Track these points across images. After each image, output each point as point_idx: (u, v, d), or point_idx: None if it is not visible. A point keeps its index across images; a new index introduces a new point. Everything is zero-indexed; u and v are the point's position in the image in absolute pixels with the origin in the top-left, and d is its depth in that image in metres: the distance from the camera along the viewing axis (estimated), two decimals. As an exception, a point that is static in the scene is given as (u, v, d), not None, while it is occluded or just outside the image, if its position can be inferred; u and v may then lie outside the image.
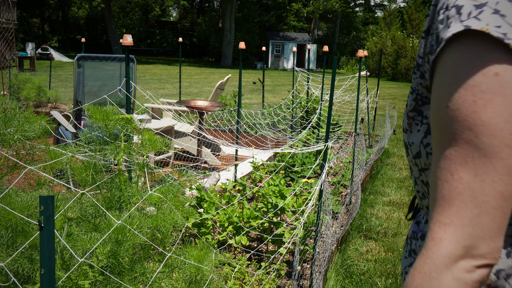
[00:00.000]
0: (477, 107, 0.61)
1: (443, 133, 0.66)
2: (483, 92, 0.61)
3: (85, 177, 1.67)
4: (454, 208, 0.64)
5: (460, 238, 0.64)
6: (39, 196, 0.91)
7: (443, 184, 0.66)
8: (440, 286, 0.64)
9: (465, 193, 0.64)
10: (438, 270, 0.64)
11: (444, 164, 0.65)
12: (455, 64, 0.63)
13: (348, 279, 3.29)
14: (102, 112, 1.61)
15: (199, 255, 1.57)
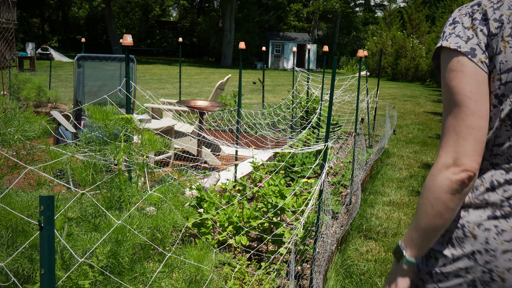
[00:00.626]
0: (451, 79, 1.12)
1: (443, 99, 1.16)
2: (452, 70, 1.13)
3: (85, 177, 1.67)
4: (445, 138, 1.13)
5: (449, 154, 1.11)
6: (39, 196, 0.91)
7: (442, 125, 1.15)
8: (435, 181, 1.12)
9: (449, 128, 1.12)
10: (437, 172, 1.13)
11: (443, 114, 1.16)
12: (444, 62, 1.16)
13: (348, 279, 3.29)
14: (102, 112, 1.61)
15: (199, 255, 1.57)
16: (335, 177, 5.44)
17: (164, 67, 28.37)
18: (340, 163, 6.22)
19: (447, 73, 1.13)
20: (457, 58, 1.11)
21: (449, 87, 1.12)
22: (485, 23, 1.11)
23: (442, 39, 1.17)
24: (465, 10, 1.16)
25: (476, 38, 1.11)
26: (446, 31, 1.17)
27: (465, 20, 1.14)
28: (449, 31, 1.16)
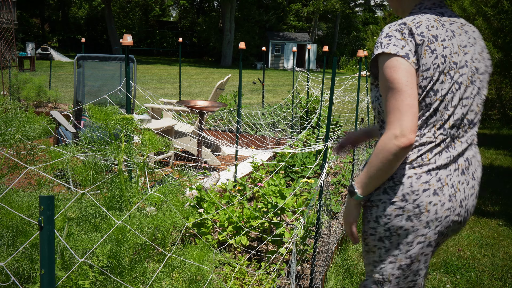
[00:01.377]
0: (393, 73, 1.53)
1: (384, 89, 1.56)
2: (393, 67, 1.54)
3: (86, 177, 1.67)
4: (390, 115, 1.53)
5: (396, 127, 1.51)
6: (39, 196, 0.91)
7: (387, 107, 1.55)
8: (386, 146, 1.52)
9: (394, 108, 1.53)
10: (388, 140, 1.52)
11: (386, 99, 1.55)
12: (383, 63, 1.57)
13: (348, 279, 3.29)
14: (103, 112, 1.61)
15: (199, 255, 1.57)
16: (335, 177, 5.44)
17: (164, 67, 28.36)
18: (340, 163, 6.22)
19: (388, 69, 1.55)
20: (396, 58, 1.54)
21: (391, 79, 1.54)
22: (411, 36, 1.56)
23: (381, 48, 1.57)
24: (395, 27, 1.59)
25: (408, 46, 1.55)
26: (383, 42, 1.58)
27: (397, 34, 1.57)
28: (386, 41, 1.57)
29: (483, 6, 10.03)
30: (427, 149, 1.59)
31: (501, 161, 7.37)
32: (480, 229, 4.46)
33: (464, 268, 3.62)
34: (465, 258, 3.82)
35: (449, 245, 4.05)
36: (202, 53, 42.92)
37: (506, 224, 4.59)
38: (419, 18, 1.59)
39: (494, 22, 9.92)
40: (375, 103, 1.69)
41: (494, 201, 5.28)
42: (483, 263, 3.72)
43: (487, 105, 11.43)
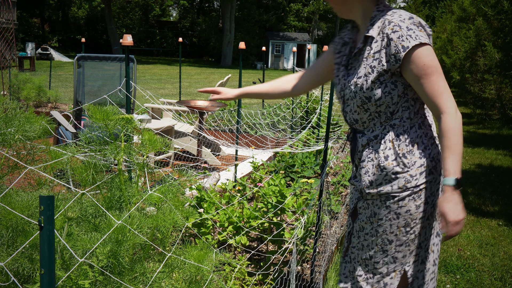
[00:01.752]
0: (434, 59, 1.68)
1: (426, 74, 1.68)
2: (432, 54, 1.69)
3: (85, 177, 1.67)
4: (443, 96, 1.68)
5: (452, 103, 1.66)
6: (39, 196, 0.91)
7: (436, 90, 1.68)
8: (458, 119, 1.65)
9: (444, 89, 1.68)
10: (457, 113, 1.66)
11: (431, 83, 1.68)
12: (420, 52, 1.68)
13: (348, 279, 3.29)
14: (102, 112, 1.61)
15: (199, 255, 1.57)
16: (335, 177, 5.44)
17: (164, 67, 28.36)
18: (340, 163, 6.22)
19: (429, 57, 1.68)
20: (429, 47, 1.69)
21: (435, 64, 1.68)
22: (423, 28, 1.73)
23: (413, 40, 1.67)
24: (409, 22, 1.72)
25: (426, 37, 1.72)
26: (411, 34, 1.67)
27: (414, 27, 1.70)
28: (413, 34, 1.68)
29: (483, 6, 10.02)
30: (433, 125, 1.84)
31: (501, 161, 7.37)
32: (480, 229, 4.46)
33: (464, 268, 3.62)
34: (465, 258, 3.82)
35: (449, 245, 4.05)
36: (202, 53, 42.91)
37: (506, 224, 4.59)
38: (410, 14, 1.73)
39: (494, 22, 9.92)
40: (387, 98, 1.73)
41: (494, 201, 5.28)
42: (483, 263, 3.72)
43: (487, 105, 11.43)
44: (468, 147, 8.44)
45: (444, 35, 18.73)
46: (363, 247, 1.89)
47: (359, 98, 1.77)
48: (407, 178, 1.73)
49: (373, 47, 1.73)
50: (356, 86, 1.77)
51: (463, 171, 1.68)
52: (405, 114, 1.76)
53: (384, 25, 1.71)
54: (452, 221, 1.60)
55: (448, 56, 14.93)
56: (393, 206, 1.76)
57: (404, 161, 1.74)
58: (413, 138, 1.75)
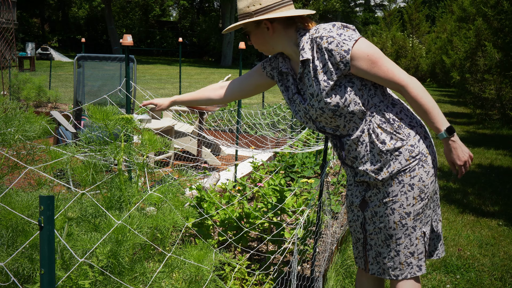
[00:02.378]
0: (375, 47, 1.84)
1: (373, 62, 1.80)
2: (370, 43, 1.84)
3: (85, 177, 1.67)
4: (397, 70, 1.84)
5: (405, 75, 1.85)
6: (39, 196, 0.91)
7: (389, 69, 1.82)
8: (421, 86, 1.85)
9: (394, 66, 1.84)
10: (417, 83, 1.85)
11: (381, 67, 1.82)
12: (362, 46, 1.84)
13: (348, 279, 3.29)
14: (102, 112, 1.61)
15: (199, 255, 1.57)
16: (335, 177, 5.44)
17: (164, 67, 28.36)
18: (340, 163, 6.22)
19: (371, 47, 1.83)
20: (364, 39, 1.84)
21: (378, 51, 1.83)
22: (347, 28, 1.94)
23: (350, 40, 1.81)
24: (337, 27, 1.88)
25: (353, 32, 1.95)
26: (346, 35, 1.83)
27: (342, 30, 1.88)
28: (347, 34, 1.84)
29: (483, 7, 10.02)
30: None
31: (501, 161, 7.37)
32: (480, 229, 4.46)
33: (464, 268, 3.62)
34: (465, 258, 3.82)
35: (449, 245, 4.05)
36: (202, 53, 42.90)
37: (506, 224, 4.59)
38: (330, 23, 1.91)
39: (494, 23, 9.91)
40: (351, 95, 1.86)
41: (494, 201, 5.28)
42: (483, 263, 3.72)
43: (487, 105, 11.43)
44: (468, 147, 8.42)
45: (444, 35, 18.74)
46: (380, 230, 1.98)
47: (328, 110, 1.87)
48: (409, 149, 1.87)
49: (317, 64, 1.84)
50: (319, 102, 1.87)
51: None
52: (375, 100, 1.89)
53: (316, 42, 1.83)
54: (464, 160, 1.87)
55: (448, 56, 14.93)
56: (405, 179, 1.88)
57: (399, 136, 1.87)
58: (395, 114, 1.89)
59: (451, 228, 4.44)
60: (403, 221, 1.92)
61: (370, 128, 1.88)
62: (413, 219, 1.92)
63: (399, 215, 1.91)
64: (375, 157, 1.90)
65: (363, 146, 1.90)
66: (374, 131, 1.87)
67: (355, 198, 2.05)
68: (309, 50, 1.85)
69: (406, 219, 1.91)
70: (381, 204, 1.95)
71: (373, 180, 1.93)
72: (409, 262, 1.96)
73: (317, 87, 1.86)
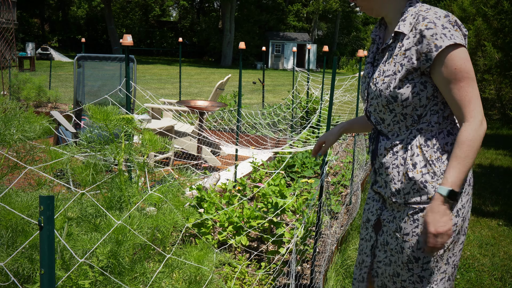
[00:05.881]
0: (467, 63, 1.57)
1: (456, 79, 1.57)
2: (466, 57, 1.57)
3: (85, 177, 1.67)
4: (471, 104, 1.56)
5: (479, 113, 1.56)
6: (39, 196, 0.91)
7: (464, 96, 1.57)
8: (478, 136, 1.54)
9: (473, 96, 1.57)
10: (478, 129, 1.55)
11: (460, 89, 1.57)
12: (453, 54, 1.57)
13: (348, 279, 3.29)
14: (103, 112, 1.60)
15: (199, 255, 1.57)
16: (335, 177, 5.44)
17: (164, 67, 28.36)
18: (340, 163, 6.22)
19: (462, 60, 1.57)
20: (464, 49, 1.58)
21: (467, 69, 1.57)
22: (459, 27, 1.61)
23: (447, 40, 1.56)
24: (444, 20, 1.60)
25: (461, 37, 1.61)
26: (445, 33, 1.57)
27: (449, 26, 1.60)
28: (448, 33, 1.58)
29: (483, 7, 10.03)
30: None
31: (501, 161, 7.37)
32: (480, 229, 4.46)
33: (464, 268, 3.62)
34: (465, 258, 3.81)
35: (449, 245, 4.05)
36: (202, 53, 42.91)
37: (506, 224, 4.59)
38: (446, 12, 1.62)
39: (494, 23, 9.92)
40: (415, 99, 1.62)
41: (494, 201, 5.28)
42: (483, 263, 3.72)
43: (487, 105, 11.43)
44: (468, 147, 8.44)
45: (444, 35, 18.72)
46: (390, 262, 1.77)
47: (384, 97, 1.66)
48: (436, 187, 1.61)
49: (405, 43, 1.62)
50: (383, 84, 1.66)
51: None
52: (433, 119, 1.64)
53: (417, 21, 1.59)
54: (432, 232, 1.54)
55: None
56: (421, 220, 1.64)
57: (434, 169, 1.62)
58: (442, 144, 1.63)
59: (451, 228, 4.44)
60: (410, 265, 1.70)
61: (409, 143, 1.65)
62: (421, 268, 1.68)
63: (407, 257, 1.69)
64: (399, 176, 1.68)
65: (394, 158, 1.69)
66: (412, 149, 1.64)
67: (371, 215, 1.85)
68: (409, 25, 1.61)
69: (413, 264, 1.69)
70: (393, 236, 1.73)
71: (387, 196, 1.72)
72: None
73: (390, 66, 1.65)
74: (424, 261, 1.67)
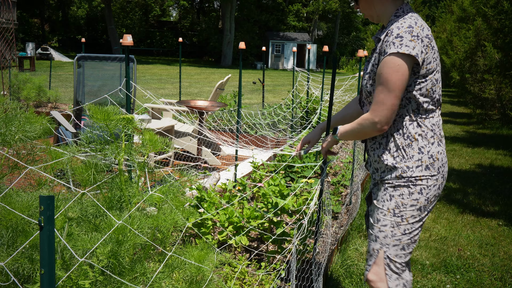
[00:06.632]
0: (389, 75, 1.85)
1: (378, 82, 1.87)
2: (394, 68, 1.84)
3: (86, 177, 1.67)
4: (378, 105, 1.89)
5: (379, 114, 1.89)
6: (39, 196, 0.91)
7: (377, 97, 1.89)
8: (371, 126, 1.94)
9: (383, 101, 1.87)
10: (374, 120, 1.91)
11: (378, 92, 1.88)
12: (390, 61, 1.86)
13: (348, 279, 3.29)
14: (103, 112, 1.60)
15: (200, 255, 1.57)
16: (335, 177, 5.44)
17: (164, 67, 28.36)
18: (340, 163, 6.22)
19: (393, 71, 1.86)
20: (398, 58, 1.86)
21: (387, 79, 1.88)
22: (419, 38, 1.87)
23: (393, 46, 1.86)
24: (404, 30, 1.87)
25: (417, 47, 1.86)
26: (395, 42, 1.87)
27: (407, 36, 1.89)
28: (398, 42, 1.88)
29: (483, 7, 10.02)
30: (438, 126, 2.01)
31: (501, 161, 7.37)
32: (480, 229, 4.46)
33: (464, 268, 3.62)
34: (465, 258, 3.82)
35: (449, 245, 4.05)
36: (202, 53, 42.91)
37: (506, 224, 4.59)
38: (420, 21, 1.88)
39: (494, 23, 9.91)
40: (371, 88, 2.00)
41: (494, 201, 5.28)
42: (483, 263, 3.72)
43: (487, 105, 11.43)
44: (468, 147, 8.44)
45: (444, 35, 18.73)
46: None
47: (364, 91, 2.04)
48: (404, 169, 1.95)
49: (377, 47, 1.96)
50: (364, 80, 2.04)
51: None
52: (403, 112, 1.95)
53: (389, 29, 1.90)
54: (323, 147, 2.24)
55: (448, 56, 14.93)
56: (389, 189, 2.00)
57: (403, 154, 1.96)
58: (412, 134, 1.95)
59: (451, 228, 4.44)
60: (374, 224, 2.06)
61: (386, 131, 2.00)
62: (378, 228, 2.03)
63: (373, 219, 2.07)
64: (377, 158, 2.05)
65: (372, 142, 2.07)
66: (387, 137, 1.99)
67: (368, 191, 2.22)
68: (386, 32, 1.92)
69: (374, 224, 2.05)
70: (375, 204, 2.10)
71: (371, 173, 2.11)
72: None
73: (369, 66, 2.00)
74: (382, 224, 2.01)
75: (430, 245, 4.03)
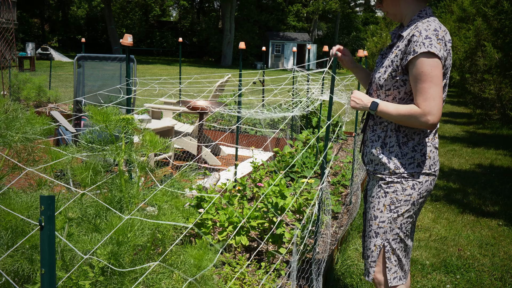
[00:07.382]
0: (431, 71, 1.91)
1: (421, 80, 1.92)
2: (432, 66, 1.91)
3: (86, 178, 1.67)
4: (427, 101, 1.92)
5: (431, 109, 1.93)
6: (40, 196, 0.91)
7: (423, 94, 1.92)
8: (420, 118, 1.95)
9: (432, 96, 1.91)
10: (426, 116, 1.93)
11: (425, 89, 1.91)
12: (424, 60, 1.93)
13: (348, 279, 3.29)
14: (103, 113, 1.60)
15: (199, 255, 1.57)
16: (335, 177, 5.44)
17: (164, 67, 28.35)
18: (340, 163, 6.22)
19: (433, 68, 1.92)
20: (436, 59, 1.91)
21: (433, 74, 1.92)
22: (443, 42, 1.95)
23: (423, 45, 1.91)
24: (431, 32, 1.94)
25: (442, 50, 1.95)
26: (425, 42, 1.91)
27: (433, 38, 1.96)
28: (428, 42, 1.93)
29: (483, 7, 10.02)
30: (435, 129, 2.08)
31: (501, 161, 7.37)
32: (480, 229, 4.46)
33: (464, 268, 3.62)
34: (465, 258, 3.82)
35: (449, 245, 4.05)
36: (202, 53, 42.90)
37: (506, 224, 4.59)
38: (443, 26, 1.97)
39: (494, 23, 9.91)
40: (395, 91, 2.05)
41: (494, 201, 5.28)
42: (483, 263, 3.72)
43: (487, 105, 11.42)
44: (468, 147, 8.44)
45: (444, 35, 18.68)
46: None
47: (375, 84, 2.09)
48: (397, 165, 2.05)
49: (400, 45, 2.01)
50: (378, 73, 2.08)
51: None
52: None
53: (413, 29, 1.97)
54: (353, 95, 2.14)
55: (448, 56, 14.90)
56: (383, 186, 2.08)
57: (400, 150, 2.05)
58: (411, 133, 2.05)
59: (451, 228, 4.44)
60: (371, 221, 2.14)
61: (387, 126, 2.08)
62: (377, 225, 2.11)
63: (369, 215, 2.15)
64: (373, 149, 2.12)
65: (372, 134, 2.13)
66: (387, 131, 2.08)
67: (365, 189, 2.29)
68: (409, 31, 1.99)
69: (372, 221, 2.13)
70: (369, 199, 2.18)
71: (365, 164, 2.19)
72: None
73: (386, 61, 2.05)
74: (380, 220, 2.09)
75: (430, 245, 4.03)
